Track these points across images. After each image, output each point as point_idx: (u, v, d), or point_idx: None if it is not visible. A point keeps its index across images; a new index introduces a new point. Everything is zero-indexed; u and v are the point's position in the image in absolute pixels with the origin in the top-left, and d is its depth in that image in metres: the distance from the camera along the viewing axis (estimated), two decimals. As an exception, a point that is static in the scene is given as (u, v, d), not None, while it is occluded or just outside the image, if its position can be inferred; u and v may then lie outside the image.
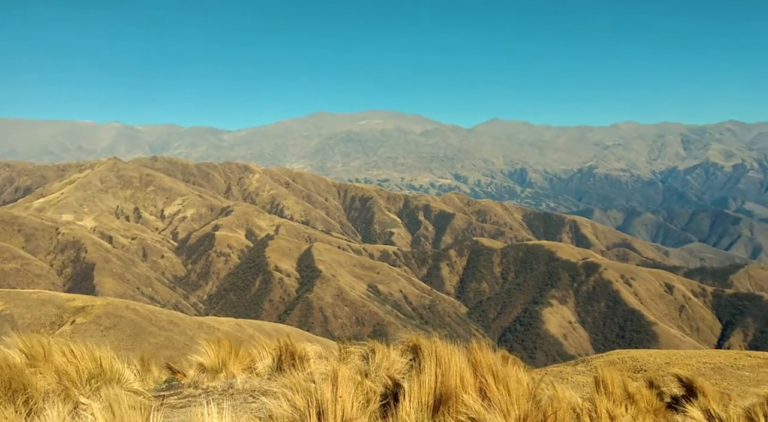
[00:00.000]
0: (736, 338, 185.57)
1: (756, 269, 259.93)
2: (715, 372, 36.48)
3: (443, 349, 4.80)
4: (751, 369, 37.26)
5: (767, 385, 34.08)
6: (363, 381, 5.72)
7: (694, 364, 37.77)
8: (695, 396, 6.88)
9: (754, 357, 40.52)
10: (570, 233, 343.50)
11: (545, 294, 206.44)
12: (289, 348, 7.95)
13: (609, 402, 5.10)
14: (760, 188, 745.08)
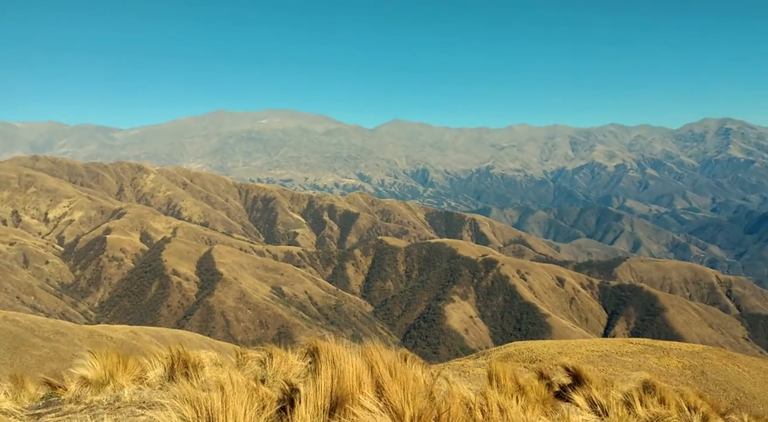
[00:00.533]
0: (620, 326, 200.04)
1: (636, 262, 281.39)
2: (602, 359, 39.06)
3: (340, 351, 4.79)
4: (633, 355, 40.24)
5: (647, 370, 36.94)
6: (258, 387, 5.62)
7: (583, 352, 40.22)
8: (581, 384, 7.20)
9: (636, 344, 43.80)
10: (470, 231, 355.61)
11: (447, 291, 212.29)
12: (183, 357, 7.50)
13: (501, 395, 5.14)
14: (639, 186, 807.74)
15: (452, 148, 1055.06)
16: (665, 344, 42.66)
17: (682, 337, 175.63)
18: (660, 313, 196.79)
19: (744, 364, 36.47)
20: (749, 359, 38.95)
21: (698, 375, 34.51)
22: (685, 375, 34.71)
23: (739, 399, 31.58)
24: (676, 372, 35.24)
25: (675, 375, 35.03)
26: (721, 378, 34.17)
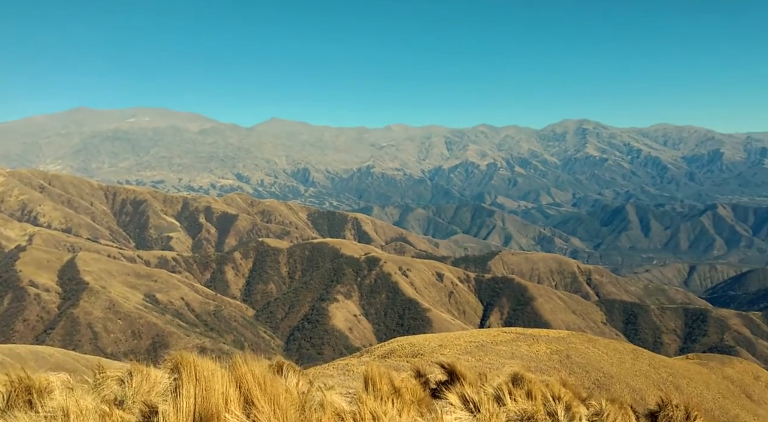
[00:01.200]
0: (494, 316, 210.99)
1: (508, 255, 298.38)
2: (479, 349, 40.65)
3: (206, 365, 4.48)
4: (506, 344, 42.30)
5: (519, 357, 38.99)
6: (113, 411, 5.30)
7: (462, 344, 41.64)
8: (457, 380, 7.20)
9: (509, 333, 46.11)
10: (353, 229, 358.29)
11: (331, 291, 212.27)
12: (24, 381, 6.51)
13: (376, 400, 5.09)
14: (508, 184, 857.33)
15: (333, 147, 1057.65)
16: (535, 331, 45.32)
17: (550, 324, 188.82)
18: (530, 302, 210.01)
19: (603, 346, 39.47)
20: (607, 341, 42.24)
21: (564, 359, 36.92)
22: (552, 360, 37.01)
23: (599, 379, 34.16)
24: (545, 357, 37.47)
25: (544, 360, 37.24)
26: (584, 360, 36.78)
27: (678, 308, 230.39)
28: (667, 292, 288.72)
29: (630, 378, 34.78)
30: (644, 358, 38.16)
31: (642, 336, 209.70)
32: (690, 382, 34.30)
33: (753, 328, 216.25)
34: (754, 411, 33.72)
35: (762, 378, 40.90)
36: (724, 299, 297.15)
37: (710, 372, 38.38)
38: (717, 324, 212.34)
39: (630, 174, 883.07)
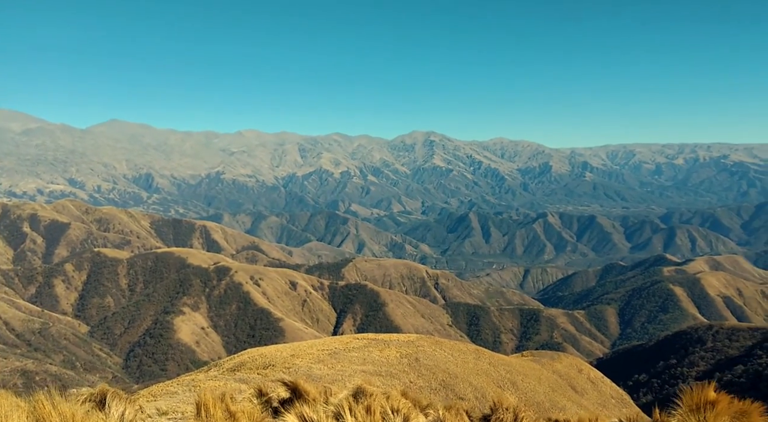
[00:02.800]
0: (348, 323, 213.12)
1: (361, 261, 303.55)
2: (332, 357, 40.59)
3: None
4: (359, 350, 42.69)
5: (371, 362, 39.51)
6: None
7: (315, 353, 41.28)
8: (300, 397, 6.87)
9: (361, 339, 46.59)
10: (201, 238, 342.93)
11: (177, 303, 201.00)
12: None
13: None
14: (362, 192, 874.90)
15: (179, 152, 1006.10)
16: (386, 336, 46.28)
17: (401, 328, 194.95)
18: (382, 308, 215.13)
19: (448, 348, 41.17)
20: (452, 343, 44.18)
21: (413, 362, 38.05)
22: (402, 364, 37.98)
23: (445, 379, 35.69)
24: (396, 361, 38.35)
25: (395, 364, 38.11)
26: (431, 362, 38.19)
27: (515, 309, 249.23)
28: (505, 294, 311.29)
29: (472, 377, 36.70)
30: (485, 357, 40.47)
31: (484, 336, 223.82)
32: (525, 378, 36.87)
33: (577, 325, 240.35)
34: (578, 401, 37.11)
35: (584, 370, 45.22)
36: (554, 300, 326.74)
37: (542, 367, 41.64)
38: (548, 322, 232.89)
39: (473, 184, 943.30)
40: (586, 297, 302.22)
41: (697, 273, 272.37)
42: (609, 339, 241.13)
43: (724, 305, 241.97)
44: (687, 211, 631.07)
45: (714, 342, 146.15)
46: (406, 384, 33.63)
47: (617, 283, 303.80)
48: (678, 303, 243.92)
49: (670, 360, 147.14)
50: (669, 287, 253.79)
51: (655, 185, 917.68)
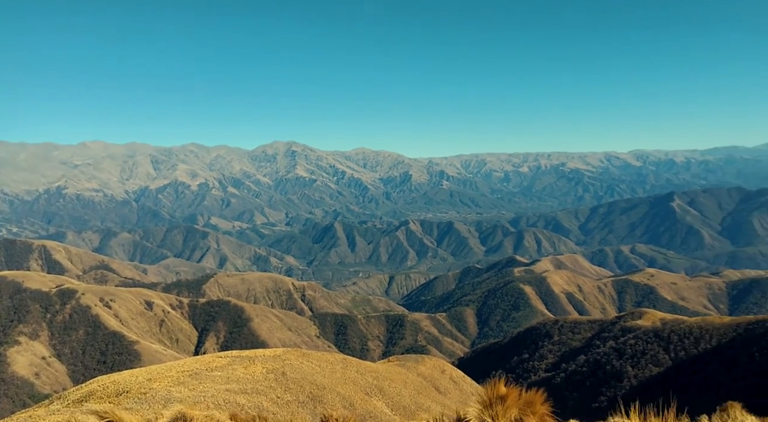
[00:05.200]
0: (210, 342, 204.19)
1: (223, 277, 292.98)
2: (193, 378, 38.49)
3: None
4: (222, 369, 40.94)
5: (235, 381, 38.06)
6: None
7: (174, 375, 38.88)
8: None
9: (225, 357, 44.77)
10: (40, 259, 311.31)
11: (11, 332, 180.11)
12: None
13: None
14: (222, 204, 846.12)
15: (12, 165, 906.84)
16: (251, 353, 44.87)
17: (267, 343, 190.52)
18: (246, 324, 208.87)
19: (316, 360, 40.83)
20: (320, 354, 43.90)
21: (280, 376, 37.24)
22: (269, 379, 37.02)
23: (313, 391, 35.27)
24: (261, 377, 37.29)
25: (260, 380, 37.02)
26: (298, 375, 37.60)
27: (381, 316, 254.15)
28: (371, 302, 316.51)
29: (340, 387, 36.69)
30: (352, 366, 40.64)
31: (351, 345, 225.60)
32: (391, 383, 37.52)
33: (440, 327, 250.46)
34: (442, 401, 38.50)
35: (446, 371, 47.07)
36: (418, 304, 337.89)
37: (407, 371, 42.69)
38: (412, 326, 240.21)
39: (337, 194, 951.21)
40: (447, 300, 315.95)
41: (543, 272, 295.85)
42: (469, 338, 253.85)
43: (567, 301, 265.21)
44: (533, 215, 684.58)
45: (560, 335, 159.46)
46: (273, 399, 32.83)
47: (474, 285, 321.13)
48: (528, 301, 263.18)
49: (523, 354, 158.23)
50: (520, 286, 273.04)
51: (505, 192, 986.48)
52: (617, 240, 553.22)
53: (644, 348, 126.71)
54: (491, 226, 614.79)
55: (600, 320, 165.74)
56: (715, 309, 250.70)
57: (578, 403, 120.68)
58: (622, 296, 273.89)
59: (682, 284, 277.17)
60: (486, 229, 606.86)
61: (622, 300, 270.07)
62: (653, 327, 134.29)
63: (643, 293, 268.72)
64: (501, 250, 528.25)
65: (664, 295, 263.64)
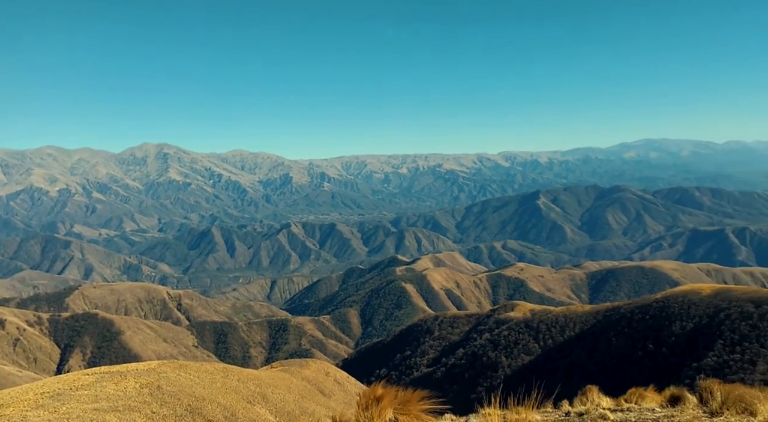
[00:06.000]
0: (75, 359, 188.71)
1: (89, 288, 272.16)
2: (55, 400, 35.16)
3: None
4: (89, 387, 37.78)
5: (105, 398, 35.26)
6: None
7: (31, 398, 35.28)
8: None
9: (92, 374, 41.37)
10: None
11: None
12: None
13: None
14: (86, 211, 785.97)
15: None
16: (122, 367, 41.85)
17: (140, 357, 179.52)
18: (117, 337, 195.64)
19: (194, 370, 39.04)
20: (198, 364, 42.00)
21: (155, 390, 35.05)
22: (143, 394, 34.69)
23: (191, 404, 33.56)
24: (134, 393, 34.88)
25: (134, 396, 34.60)
26: (175, 388, 35.62)
27: (263, 322, 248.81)
28: (253, 308, 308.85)
29: (221, 397, 35.25)
30: (234, 374, 39.29)
31: (232, 353, 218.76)
32: (275, 389, 36.72)
33: (324, 330, 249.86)
34: (327, 404, 38.27)
35: (331, 373, 46.88)
36: (301, 308, 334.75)
37: (291, 376, 41.99)
38: (296, 331, 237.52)
39: (213, 198, 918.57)
40: (331, 302, 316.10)
41: (423, 271, 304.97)
42: (353, 339, 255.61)
43: (447, 297, 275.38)
44: (413, 215, 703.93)
45: (440, 330, 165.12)
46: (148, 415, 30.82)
47: (358, 286, 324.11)
48: (410, 299, 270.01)
49: (406, 351, 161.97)
50: (401, 285, 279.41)
51: (385, 193, 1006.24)
52: (490, 237, 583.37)
53: (516, 339, 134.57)
54: (373, 227, 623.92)
55: (476, 314, 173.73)
56: (578, 299, 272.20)
57: (457, 395, 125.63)
58: (496, 290, 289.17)
59: (549, 277, 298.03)
60: (368, 230, 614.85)
61: (496, 294, 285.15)
62: (524, 318, 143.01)
63: (514, 286, 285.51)
64: (383, 250, 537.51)
65: (533, 287, 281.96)
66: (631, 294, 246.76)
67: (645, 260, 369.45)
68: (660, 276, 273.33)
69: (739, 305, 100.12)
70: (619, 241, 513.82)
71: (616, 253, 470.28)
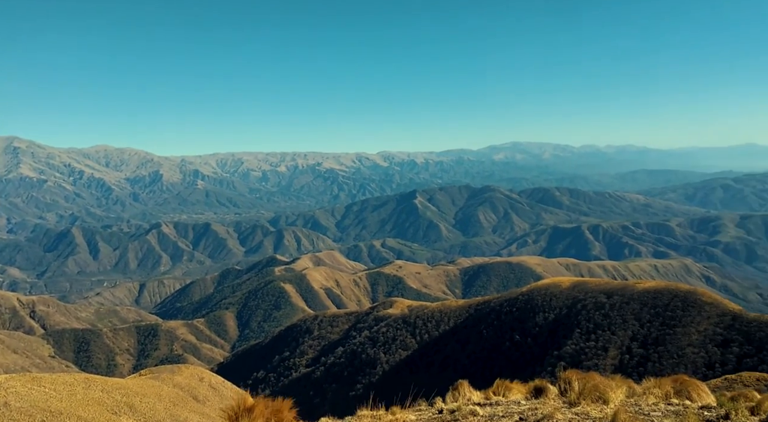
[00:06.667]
0: None
1: None
2: None
3: None
4: None
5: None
6: None
7: None
8: None
9: None
10: None
11: None
12: None
13: None
14: None
15: None
16: (-39, 385, 37.13)
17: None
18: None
19: (50, 383, 35.50)
20: (55, 376, 38.31)
21: (1, 407, 31.47)
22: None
23: (45, 419, 30.50)
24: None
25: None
26: (26, 404, 32.16)
27: (131, 327, 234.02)
28: (119, 313, 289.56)
29: (82, 410, 32.33)
30: (97, 385, 36.27)
31: (96, 362, 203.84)
32: (143, 398, 34.46)
33: (197, 334, 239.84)
34: (201, 411, 36.50)
35: (205, 378, 44.83)
36: (173, 312, 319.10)
37: (162, 383, 39.62)
38: (167, 335, 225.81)
39: (74, 196, 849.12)
40: (206, 305, 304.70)
41: (303, 270, 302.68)
42: (229, 342, 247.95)
43: (326, 296, 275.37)
44: (292, 214, 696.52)
45: (320, 330, 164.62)
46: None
47: (234, 287, 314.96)
48: (289, 299, 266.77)
49: (284, 352, 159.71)
50: (280, 285, 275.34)
51: (264, 191, 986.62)
52: (370, 236, 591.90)
53: (394, 335, 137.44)
54: (251, 226, 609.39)
55: (356, 312, 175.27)
56: (452, 294, 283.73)
57: (336, 394, 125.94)
58: (375, 287, 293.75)
59: (425, 273, 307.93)
60: (245, 229, 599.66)
61: (375, 292, 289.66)
62: (402, 314, 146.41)
63: (393, 283, 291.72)
64: (261, 250, 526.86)
65: (411, 284, 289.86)
66: (500, 288, 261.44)
67: (512, 256, 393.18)
68: (525, 271, 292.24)
69: (593, 297, 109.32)
70: (489, 238, 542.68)
71: (486, 250, 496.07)
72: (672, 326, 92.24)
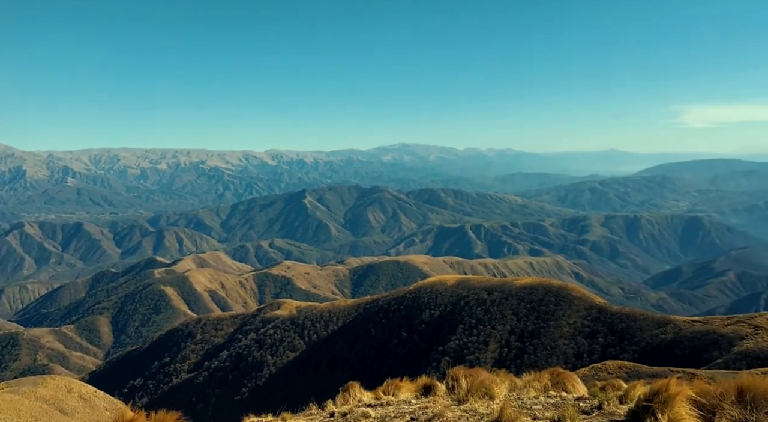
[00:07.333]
0: None
1: None
2: None
3: None
4: None
5: None
6: None
7: None
8: None
9: None
10: None
11: None
12: None
13: None
14: None
15: None
16: None
17: None
18: None
19: None
20: None
21: None
22: None
23: None
24: None
25: None
26: None
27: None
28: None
29: None
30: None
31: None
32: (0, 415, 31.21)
33: (66, 342, 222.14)
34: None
35: (74, 389, 41.42)
36: (37, 319, 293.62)
37: (22, 397, 36.08)
38: (30, 345, 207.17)
39: None
40: (76, 310, 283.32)
41: (185, 272, 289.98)
42: (103, 349, 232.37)
43: (210, 299, 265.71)
44: (173, 213, 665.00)
45: (203, 333, 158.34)
46: None
47: (109, 291, 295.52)
48: (170, 303, 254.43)
49: (165, 358, 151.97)
50: (160, 288, 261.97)
51: (142, 190, 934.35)
52: (258, 236, 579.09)
53: (282, 336, 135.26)
54: (128, 226, 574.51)
55: (242, 314, 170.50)
56: (342, 293, 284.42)
57: (221, 398, 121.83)
58: (262, 289, 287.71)
59: (314, 274, 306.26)
60: (122, 230, 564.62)
61: (262, 293, 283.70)
62: (290, 315, 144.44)
63: (281, 284, 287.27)
64: (140, 251, 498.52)
65: (300, 285, 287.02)
66: (389, 287, 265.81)
67: (401, 255, 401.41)
68: (413, 269, 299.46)
69: (476, 293, 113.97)
70: (378, 238, 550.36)
71: (375, 249, 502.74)
72: (546, 319, 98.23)
